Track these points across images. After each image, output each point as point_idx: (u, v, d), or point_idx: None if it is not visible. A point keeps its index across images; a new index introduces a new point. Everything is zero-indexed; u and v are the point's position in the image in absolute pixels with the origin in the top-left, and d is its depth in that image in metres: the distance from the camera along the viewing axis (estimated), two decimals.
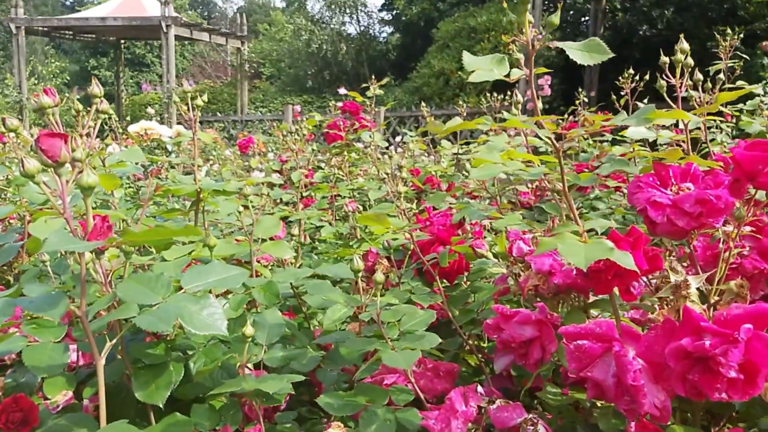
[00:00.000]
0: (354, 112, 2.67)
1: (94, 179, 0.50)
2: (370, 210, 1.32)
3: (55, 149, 0.50)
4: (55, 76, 11.84)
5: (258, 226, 0.94)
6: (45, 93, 0.70)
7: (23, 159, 0.49)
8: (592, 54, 0.60)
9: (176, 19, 9.48)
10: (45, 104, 0.68)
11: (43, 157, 0.50)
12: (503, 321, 0.64)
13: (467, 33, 10.87)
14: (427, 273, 1.02)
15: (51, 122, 0.69)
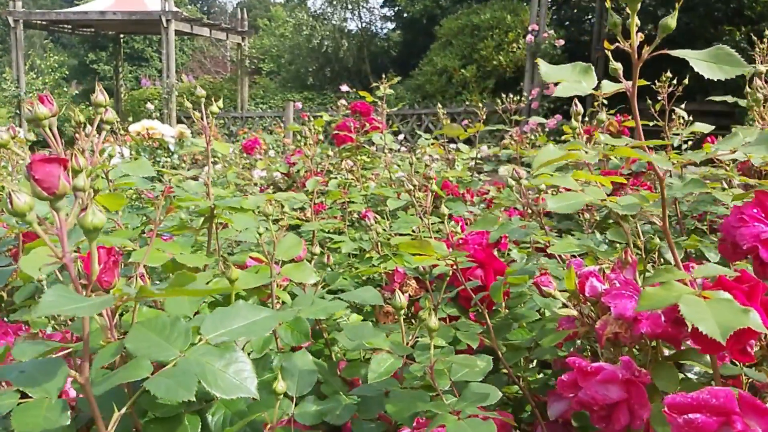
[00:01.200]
0: (364, 112, 2.57)
1: (101, 219, 0.40)
2: (398, 223, 1.22)
3: (51, 179, 0.40)
4: (53, 71, 11.71)
5: (278, 247, 0.84)
6: (41, 101, 0.60)
7: (12, 194, 0.39)
8: (722, 66, 0.50)
9: (176, 14, 9.36)
10: (41, 114, 0.58)
11: (37, 188, 0.40)
12: (582, 378, 0.54)
13: (470, 30, 10.75)
14: (463, 298, 0.92)
15: (48, 135, 0.59)
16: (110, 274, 0.55)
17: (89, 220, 0.39)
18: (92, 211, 0.39)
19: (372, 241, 1.19)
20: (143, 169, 0.75)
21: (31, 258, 0.53)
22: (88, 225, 0.39)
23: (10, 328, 0.86)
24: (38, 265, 0.52)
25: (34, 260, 0.53)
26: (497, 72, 10.28)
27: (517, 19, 10.37)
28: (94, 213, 0.39)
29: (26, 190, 0.43)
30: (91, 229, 0.39)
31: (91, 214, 0.39)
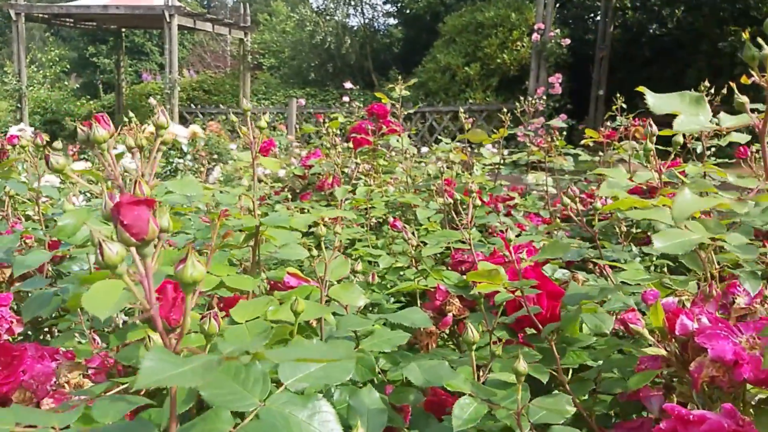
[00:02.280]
0: (381, 114, 2.52)
1: (201, 272, 0.36)
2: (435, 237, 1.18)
3: (140, 223, 0.37)
4: (54, 64, 11.65)
5: (328, 268, 0.80)
6: (97, 121, 0.56)
7: (103, 244, 0.36)
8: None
9: (179, 9, 9.29)
10: (100, 138, 0.54)
11: (125, 234, 0.37)
12: (682, 427, 0.51)
13: (474, 28, 10.70)
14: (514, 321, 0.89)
15: (105, 162, 0.55)
16: (178, 311, 0.51)
17: (189, 273, 0.35)
18: (192, 263, 0.35)
19: (408, 254, 1.15)
20: (189, 187, 0.71)
21: (96, 294, 0.49)
22: (187, 278, 0.35)
23: (46, 351, 0.82)
24: (106, 305, 0.48)
25: (100, 298, 0.49)
26: (501, 70, 10.24)
27: (521, 17, 10.32)
28: (194, 265, 0.35)
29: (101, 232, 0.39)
30: (190, 282, 0.36)
31: (191, 267, 0.35)
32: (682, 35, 10.36)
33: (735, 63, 8.90)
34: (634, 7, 10.74)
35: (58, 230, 0.55)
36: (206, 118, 10.13)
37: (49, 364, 0.82)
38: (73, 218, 0.55)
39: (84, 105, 12.63)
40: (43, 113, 11.63)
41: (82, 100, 12.90)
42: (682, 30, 10.36)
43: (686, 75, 10.16)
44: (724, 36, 9.15)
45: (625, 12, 10.78)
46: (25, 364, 0.81)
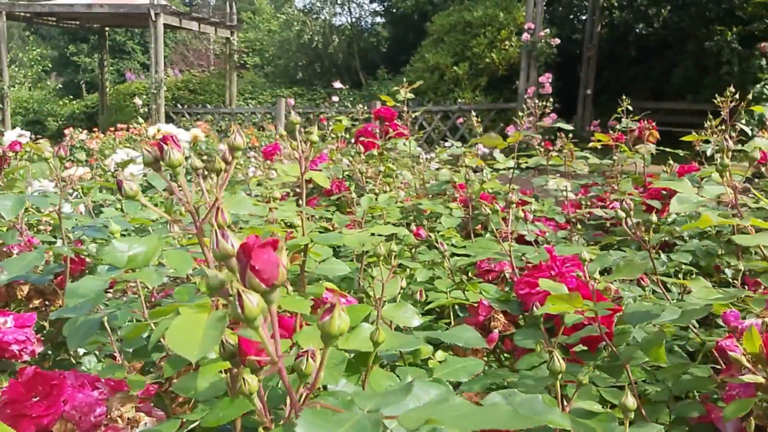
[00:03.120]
0: (388, 117, 2.49)
1: (347, 322, 0.32)
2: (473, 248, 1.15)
3: (271, 267, 0.33)
4: (36, 63, 11.45)
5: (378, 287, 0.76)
6: (169, 143, 0.52)
7: (243, 295, 0.32)
8: None
9: (165, 7, 9.17)
10: (175, 161, 0.50)
11: (255, 280, 0.33)
12: None
13: (462, 27, 10.70)
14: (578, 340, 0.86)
15: (178, 187, 0.51)
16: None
17: (336, 325, 0.31)
18: (339, 314, 0.31)
19: (445, 268, 1.12)
20: (243, 205, 0.67)
21: (180, 332, 0.45)
22: (335, 332, 0.31)
23: (86, 379, 0.78)
24: (194, 343, 0.44)
25: (186, 335, 0.45)
26: (490, 70, 10.24)
27: (509, 17, 10.33)
28: (341, 316, 0.31)
29: (221, 276, 0.35)
30: (336, 336, 0.32)
31: (338, 318, 0.31)
32: (668, 35, 10.44)
33: (721, 62, 8.98)
34: (621, 6, 10.80)
35: (129, 260, 0.51)
36: (193, 118, 10.01)
37: (90, 393, 0.77)
38: (146, 246, 0.51)
39: (67, 105, 12.43)
40: (25, 114, 11.43)
41: (64, 100, 12.69)
42: (668, 30, 10.43)
43: (672, 74, 10.24)
44: (710, 36, 9.22)
45: (611, 11, 10.84)
46: (65, 393, 0.77)
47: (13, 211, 0.95)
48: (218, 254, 0.35)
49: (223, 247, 0.35)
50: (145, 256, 0.51)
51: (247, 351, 0.47)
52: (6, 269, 0.91)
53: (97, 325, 0.66)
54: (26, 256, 0.94)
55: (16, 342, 0.93)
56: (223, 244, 0.35)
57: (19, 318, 0.97)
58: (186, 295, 0.71)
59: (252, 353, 0.47)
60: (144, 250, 0.51)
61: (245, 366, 0.47)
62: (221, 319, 0.48)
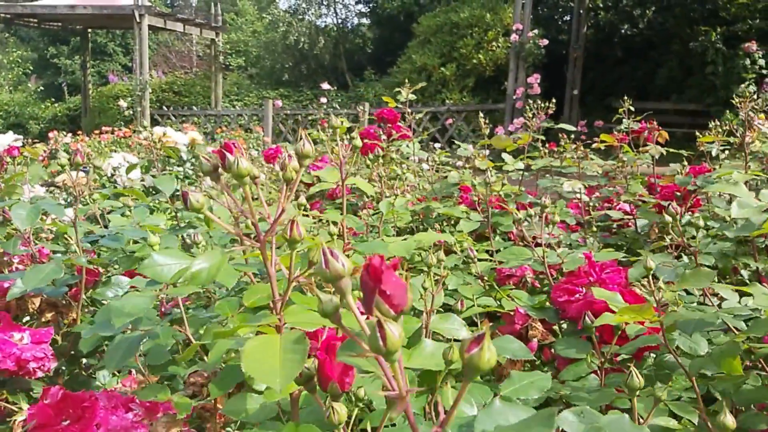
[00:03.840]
0: (391, 119, 2.45)
1: (494, 354, 0.28)
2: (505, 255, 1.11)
3: (401, 291, 0.29)
4: (16, 65, 11.26)
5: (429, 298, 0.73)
6: (235, 151, 0.48)
7: (384, 325, 0.28)
8: None
9: (150, 9, 9.06)
10: (244, 171, 0.46)
11: (385, 306, 0.29)
12: None
13: (449, 28, 10.71)
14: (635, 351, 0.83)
15: (251, 197, 0.47)
16: (347, 371, 0.43)
17: (486, 358, 0.28)
18: (488, 346, 0.28)
19: (475, 274, 1.08)
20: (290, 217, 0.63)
21: (256, 357, 0.41)
22: (484, 364, 0.28)
23: (118, 400, 0.73)
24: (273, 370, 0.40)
25: (264, 361, 0.41)
26: (477, 70, 10.25)
27: (496, 18, 10.35)
28: (490, 349, 0.28)
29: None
30: (486, 369, 0.28)
31: (488, 351, 0.28)
32: (653, 35, 10.53)
33: (705, 62, 9.07)
34: (606, 7, 10.87)
35: (193, 276, 0.47)
36: (179, 120, 9.90)
37: (125, 415, 0.73)
38: (208, 262, 0.47)
39: (49, 108, 12.23)
40: (5, 117, 11.22)
41: (46, 103, 12.48)
42: (653, 30, 10.53)
43: (657, 74, 10.33)
44: (695, 36, 9.31)
45: (597, 12, 10.91)
46: (98, 416, 0.72)
47: (28, 220, 0.90)
48: (329, 275, 0.31)
49: (333, 267, 0.31)
50: (209, 272, 0.47)
51: (330, 376, 0.43)
52: (23, 282, 0.86)
53: (138, 344, 0.62)
54: (43, 268, 0.89)
55: (34, 359, 0.88)
56: (333, 264, 0.31)
57: (36, 333, 0.92)
58: (229, 309, 0.67)
59: (335, 378, 0.43)
60: (207, 266, 0.47)
61: (326, 392, 0.43)
62: (299, 342, 0.44)
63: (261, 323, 0.49)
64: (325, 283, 0.34)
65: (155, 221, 1.45)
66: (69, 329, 1.06)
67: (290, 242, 0.45)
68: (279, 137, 9.44)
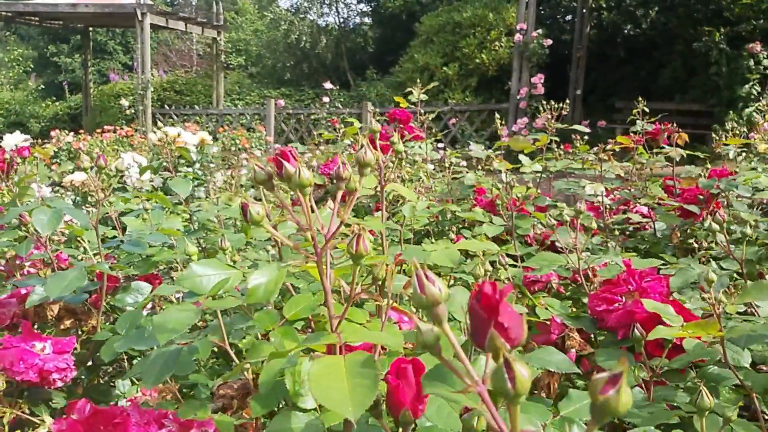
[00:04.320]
0: (404, 120, 2.42)
1: (629, 395, 0.25)
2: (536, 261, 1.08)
3: (517, 323, 0.26)
4: (17, 64, 11.22)
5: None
6: (297, 161, 0.45)
7: (512, 364, 0.25)
8: None
9: (151, 7, 9.02)
10: (305, 181, 0.43)
11: (500, 339, 0.26)
12: None
13: (452, 28, 10.67)
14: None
15: (304, 205, 0.44)
16: (421, 398, 0.40)
17: (623, 401, 0.25)
18: (625, 389, 0.25)
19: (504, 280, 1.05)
20: (373, 223, 0.60)
21: (325, 381, 0.38)
22: (621, 408, 0.25)
23: (151, 415, 0.70)
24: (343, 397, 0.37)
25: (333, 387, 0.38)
26: (480, 70, 10.21)
27: (499, 17, 10.32)
28: (626, 391, 0.25)
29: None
30: (623, 413, 0.25)
31: (624, 393, 0.25)
32: (656, 35, 10.50)
33: (709, 63, 9.03)
34: (609, 7, 10.84)
35: (250, 293, 0.44)
36: (180, 119, 9.86)
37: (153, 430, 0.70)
38: (266, 277, 0.44)
39: (49, 106, 12.18)
40: (6, 115, 11.17)
41: (47, 101, 12.43)
42: (656, 30, 10.49)
43: (660, 75, 10.29)
44: (698, 36, 9.27)
45: (600, 12, 10.88)
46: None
47: (50, 225, 0.87)
48: (425, 301, 0.28)
49: (430, 293, 0.28)
50: (266, 288, 0.44)
51: (402, 402, 0.40)
52: (47, 290, 0.83)
53: (176, 359, 0.59)
54: (66, 275, 0.86)
55: (57, 370, 0.85)
56: (430, 290, 0.28)
57: (58, 343, 0.89)
58: (269, 321, 0.63)
59: (408, 404, 0.40)
60: (264, 281, 0.44)
61: (396, 418, 0.40)
62: (367, 366, 0.41)
63: (319, 342, 0.46)
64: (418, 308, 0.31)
65: (172, 224, 1.42)
66: (89, 336, 1.03)
67: (355, 257, 0.42)
68: (281, 137, 9.41)
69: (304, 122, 9.40)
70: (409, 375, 0.41)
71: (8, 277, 1.53)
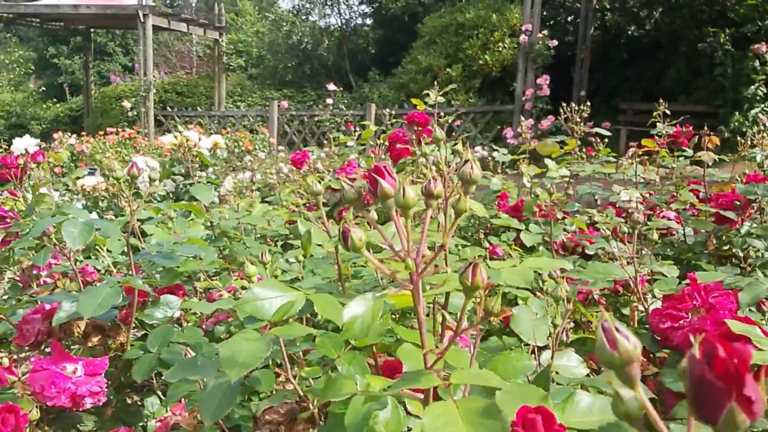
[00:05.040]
0: (423, 122, 2.37)
1: None
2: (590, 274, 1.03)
3: (759, 396, 0.21)
4: (18, 66, 11.16)
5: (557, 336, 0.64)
6: (381, 175, 0.39)
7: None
8: None
9: (154, 8, 8.97)
10: (410, 201, 0.38)
11: (741, 416, 0.21)
12: None
13: (455, 29, 10.63)
14: None
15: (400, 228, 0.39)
16: None
17: None
18: None
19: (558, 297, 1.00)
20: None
21: (440, 429, 0.33)
22: None
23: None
24: None
25: None
26: (483, 71, 10.17)
27: (502, 18, 10.28)
28: None
29: None
30: None
31: None
32: (660, 36, 10.45)
33: (714, 64, 8.99)
34: (613, 9, 10.80)
35: (345, 328, 0.38)
36: (182, 121, 9.80)
37: None
38: (362, 308, 0.38)
39: (50, 108, 12.11)
40: (7, 117, 11.11)
41: (48, 103, 12.36)
42: (660, 31, 10.44)
43: (665, 76, 10.24)
44: (703, 37, 9.22)
45: (604, 14, 10.84)
46: None
47: (81, 239, 0.81)
48: (617, 360, 0.23)
49: (623, 349, 0.23)
50: (363, 323, 0.38)
51: None
52: (79, 309, 0.78)
53: (237, 392, 0.53)
54: (98, 292, 0.81)
55: (90, 394, 0.79)
56: (623, 345, 0.23)
57: (90, 364, 0.84)
58: (333, 347, 0.58)
59: None
60: (361, 312, 0.39)
61: None
62: (489, 415, 0.35)
63: (419, 384, 0.41)
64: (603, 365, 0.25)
65: (194, 233, 1.37)
66: (118, 354, 0.97)
67: (469, 289, 0.37)
68: (284, 138, 9.36)
69: (308, 124, 9.34)
70: (538, 427, 0.35)
71: (24, 287, 1.47)
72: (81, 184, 2.30)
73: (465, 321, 0.40)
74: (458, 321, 0.40)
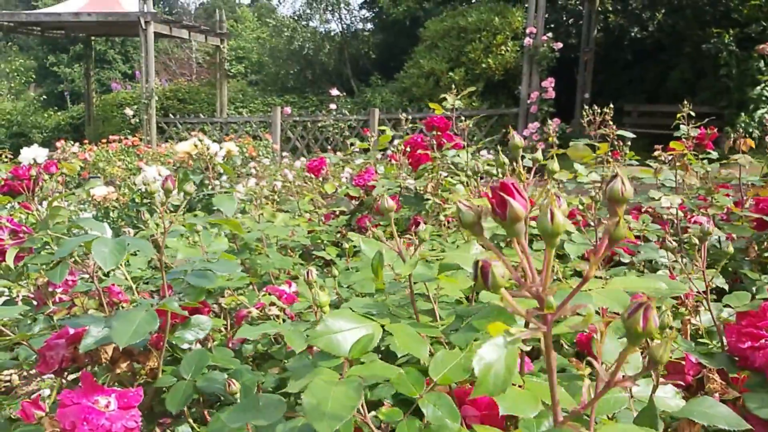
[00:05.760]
0: (442, 127, 2.31)
1: None
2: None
3: None
4: (19, 74, 11.11)
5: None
6: (510, 193, 0.33)
7: None
8: None
9: (155, 16, 8.92)
10: (558, 228, 0.31)
11: None
12: None
13: (457, 32, 10.59)
14: None
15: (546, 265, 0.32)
16: None
17: None
18: None
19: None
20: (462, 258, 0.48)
21: None
22: None
23: None
24: None
25: None
26: (486, 75, 10.12)
27: (504, 22, 10.23)
28: None
29: None
30: None
31: None
32: (663, 38, 10.40)
33: (718, 65, 8.93)
34: (616, 10, 10.75)
35: (479, 383, 0.32)
36: (184, 128, 9.74)
37: None
38: (495, 354, 0.32)
39: (51, 116, 12.06)
40: (8, 126, 11.05)
41: (49, 112, 12.31)
42: (663, 33, 10.39)
43: (669, 77, 10.19)
44: (706, 38, 9.17)
45: (607, 16, 10.79)
46: None
47: (113, 259, 0.75)
48: None
49: None
50: (497, 375, 0.32)
51: None
52: (114, 337, 0.71)
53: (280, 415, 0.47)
54: (132, 317, 0.74)
55: (125, 430, 0.72)
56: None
57: (123, 396, 0.77)
58: (415, 387, 0.51)
59: None
60: (494, 361, 0.32)
61: None
62: None
63: None
64: None
65: (219, 246, 1.30)
66: (147, 380, 0.90)
67: (637, 336, 0.30)
68: (287, 144, 9.29)
69: (311, 129, 9.28)
70: None
71: (39, 305, 1.41)
72: (91, 194, 2.23)
73: (621, 371, 0.34)
74: (614, 370, 0.33)
